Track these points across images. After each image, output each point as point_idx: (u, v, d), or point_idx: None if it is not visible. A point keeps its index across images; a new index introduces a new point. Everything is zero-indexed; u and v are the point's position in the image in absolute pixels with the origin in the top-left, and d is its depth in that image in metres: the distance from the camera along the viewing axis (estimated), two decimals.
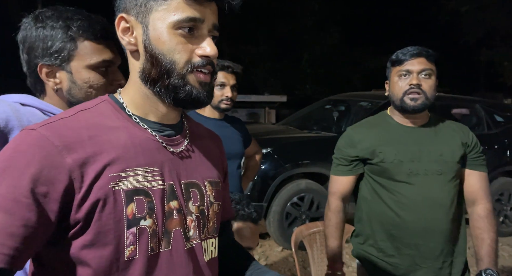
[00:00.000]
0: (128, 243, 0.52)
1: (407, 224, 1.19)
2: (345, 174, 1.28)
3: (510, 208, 3.72)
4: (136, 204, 0.53)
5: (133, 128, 0.58)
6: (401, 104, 1.19)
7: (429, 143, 1.21)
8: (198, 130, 0.71)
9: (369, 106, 3.65)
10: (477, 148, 1.25)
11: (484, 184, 1.23)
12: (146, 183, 0.55)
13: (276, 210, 3.12)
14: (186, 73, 0.56)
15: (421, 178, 1.18)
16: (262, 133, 3.57)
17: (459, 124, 1.31)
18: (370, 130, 1.27)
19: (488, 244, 1.15)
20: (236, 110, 7.57)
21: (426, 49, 1.18)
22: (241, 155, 1.79)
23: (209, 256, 0.64)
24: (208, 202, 0.64)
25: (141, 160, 0.56)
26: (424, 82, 1.16)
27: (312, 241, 1.88)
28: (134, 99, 0.60)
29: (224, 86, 1.65)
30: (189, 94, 0.57)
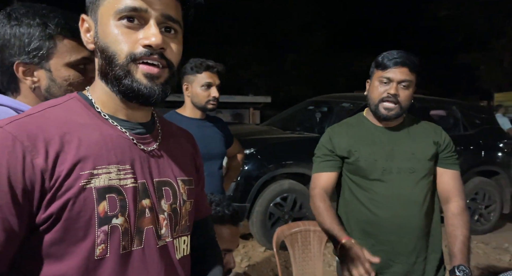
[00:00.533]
0: (99, 241, 0.52)
1: (381, 221, 1.22)
2: (326, 169, 1.29)
3: (485, 207, 3.86)
4: (108, 202, 0.53)
5: (104, 126, 0.58)
6: (375, 110, 1.23)
7: (402, 142, 1.24)
8: (171, 129, 0.71)
9: (351, 107, 3.71)
10: (450, 147, 1.28)
11: (457, 182, 1.26)
12: (119, 180, 0.55)
13: (259, 210, 3.13)
14: (128, 64, 0.54)
15: (394, 176, 1.21)
16: (245, 134, 3.57)
17: (432, 124, 1.34)
18: (348, 130, 1.31)
19: (461, 241, 1.17)
20: (220, 111, 7.55)
21: (410, 58, 1.19)
22: (222, 155, 1.78)
23: (180, 254, 0.64)
24: (180, 200, 0.64)
25: (113, 158, 0.56)
26: (401, 92, 1.19)
27: (293, 240, 1.89)
28: (100, 97, 0.60)
29: (210, 87, 1.64)
30: (130, 87, 0.55)
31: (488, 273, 2.89)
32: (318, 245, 1.92)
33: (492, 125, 4.13)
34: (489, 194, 3.86)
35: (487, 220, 3.86)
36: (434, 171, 1.28)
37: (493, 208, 3.88)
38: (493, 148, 3.94)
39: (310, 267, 1.89)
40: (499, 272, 2.88)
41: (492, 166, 3.90)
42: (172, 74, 0.59)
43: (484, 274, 2.86)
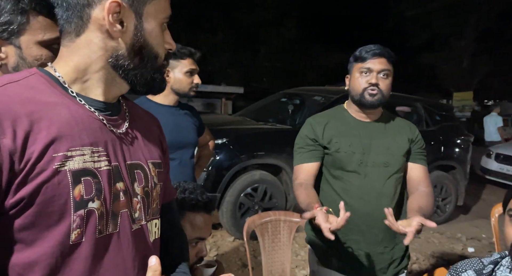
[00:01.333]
0: (75, 226, 0.50)
1: (354, 211, 1.23)
2: (308, 160, 1.29)
3: (442, 199, 4.12)
4: (84, 185, 0.51)
5: (73, 105, 0.54)
6: (360, 99, 1.25)
7: (379, 137, 1.29)
8: (136, 111, 0.69)
9: (322, 101, 3.77)
10: (421, 143, 1.34)
11: (426, 175, 1.34)
12: (93, 163, 0.53)
13: (230, 200, 3.13)
14: (163, 66, 0.61)
15: (369, 169, 1.26)
16: (218, 124, 3.54)
17: (407, 121, 1.41)
18: (329, 121, 1.33)
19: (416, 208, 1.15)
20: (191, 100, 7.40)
21: (387, 50, 1.25)
22: (194, 144, 1.75)
23: (153, 237, 0.64)
24: (152, 183, 0.63)
25: (86, 139, 0.53)
26: (381, 81, 1.24)
27: (263, 230, 1.91)
28: (83, 78, 0.56)
29: (193, 73, 1.60)
30: (161, 84, 0.62)
31: (443, 261, 3.10)
32: (288, 234, 1.96)
33: (452, 122, 4.38)
34: (446, 187, 4.12)
35: (443, 212, 4.12)
36: (405, 165, 1.34)
37: (449, 200, 4.14)
38: (452, 144, 4.20)
39: (279, 256, 1.92)
40: (452, 260, 3.10)
41: (450, 160, 4.15)
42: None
43: (438, 262, 3.06)
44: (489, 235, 3.70)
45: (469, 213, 4.58)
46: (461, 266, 0.98)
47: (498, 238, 1.79)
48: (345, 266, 1.30)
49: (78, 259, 0.51)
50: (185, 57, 1.57)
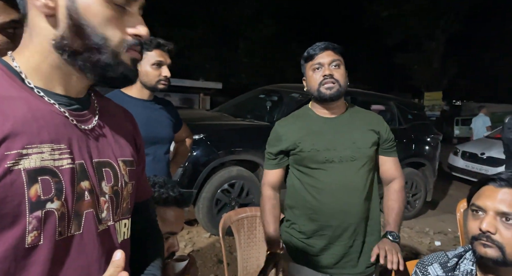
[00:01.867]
0: (31, 228, 0.46)
1: (323, 207, 1.29)
2: (273, 167, 1.38)
3: (412, 195, 4.29)
4: (41, 185, 0.47)
5: (34, 100, 0.51)
6: (318, 95, 1.27)
7: (344, 131, 1.30)
8: (108, 106, 0.65)
9: (300, 98, 3.81)
10: (390, 136, 1.36)
11: (398, 166, 1.38)
12: (53, 161, 0.49)
13: (206, 196, 3.11)
14: (121, 52, 0.54)
15: (337, 165, 1.27)
16: (195, 119, 3.49)
17: (374, 113, 1.41)
18: (293, 123, 1.36)
19: (397, 213, 1.30)
20: (169, 95, 7.26)
21: (332, 43, 1.29)
22: (170, 140, 1.71)
23: (121, 237, 0.61)
24: (122, 182, 0.60)
25: (46, 136, 0.50)
26: (335, 72, 1.26)
27: (239, 226, 1.91)
28: (39, 67, 0.52)
29: (161, 65, 1.54)
30: (121, 73, 0.54)
31: (411, 254, 3.23)
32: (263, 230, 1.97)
33: (422, 121, 4.55)
34: (416, 183, 4.28)
35: (413, 207, 4.29)
36: (375, 158, 1.36)
37: (418, 196, 4.32)
38: (422, 142, 4.37)
39: (254, 251, 1.93)
40: (420, 253, 3.24)
41: (420, 158, 4.32)
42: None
43: (408, 255, 3.19)
44: (454, 229, 3.89)
45: (436, 208, 4.80)
46: (427, 259, 1.03)
47: (463, 232, 1.88)
48: (316, 261, 1.32)
49: (36, 262, 0.47)
50: (151, 49, 1.52)
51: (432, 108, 12.83)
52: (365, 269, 1.33)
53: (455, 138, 12.45)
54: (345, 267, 1.31)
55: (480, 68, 16.13)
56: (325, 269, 1.32)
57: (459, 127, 13.18)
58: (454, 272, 0.96)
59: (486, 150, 6.02)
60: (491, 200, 0.87)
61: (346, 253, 1.30)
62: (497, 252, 0.83)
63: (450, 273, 0.96)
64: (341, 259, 1.31)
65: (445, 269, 0.98)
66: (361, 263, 1.32)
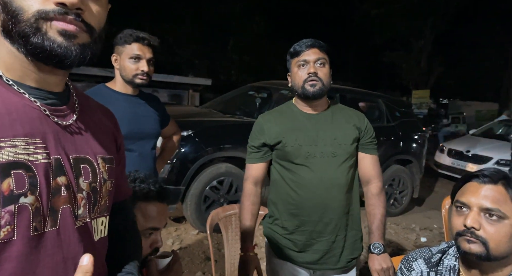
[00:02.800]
0: (4, 222, 0.45)
1: (305, 203, 1.30)
2: (256, 161, 1.37)
3: (399, 192, 4.35)
4: (14, 179, 0.46)
5: (6, 93, 0.49)
6: (302, 92, 1.28)
7: (326, 128, 1.31)
8: (88, 103, 0.64)
9: (289, 95, 3.80)
10: (370, 133, 1.37)
11: (376, 165, 1.37)
12: (27, 155, 0.48)
13: (194, 193, 3.08)
14: (37, 21, 0.47)
15: (318, 160, 1.28)
16: (184, 115, 3.46)
17: (356, 111, 1.42)
18: (277, 118, 1.36)
19: (379, 219, 1.30)
20: (157, 90, 7.17)
21: (318, 41, 1.30)
22: (156, 135, 1.68)
23: (98, 235, 0.60)
24: (101, 179, 0.59)
25: (19, 130, 0.48)
26: (319, 70, 1.27)
27: (227, 223, 1.90)
28: (3, 58, 0.51)
29: (139, 60, 1.50)
30: (41, 46, 0.48)
31: (398, 250, 3.28)
32: None
33: (410, 118, 4.61)
34: (403, 180, 4.34)
35: (400, 204, 4.35)
36: (356, 154, 1.37)
37: (405, 193, 4.38)
38: (409, 139, 4.42)
39: None
40: (406, 249, 3.29)
41: (407, 155, 4.38)
42: (93, 40, 0.51)
43: (394, 251, 3.24)
44: (440, 225, 3.96)
45: (422, 204, 4.88)
46: (412, 255, 1.04)
47: (448, 228, 1.92)
48: (299, 257, 1.33)
49: (9, 258, 0.46)
50: (130, 42, 1.48)
51: (420, 106, 13.03)
52: (347, 264, 1.34)
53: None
54: (327, 262, 1.32)
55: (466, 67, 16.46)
56: (308, 265, 1.33)
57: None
58: (437, 268, 0.97)
59: (471, 147, 6.15)
60: (475, 196, 0.87)
61: (329, 249, 1.31)
62: (481, 248, 0.84)
63: (433, 269, 0.97)
64: (324, 255, 1.31)
65: (429, 265, 0.99)
66: (343, 258, 1.34)
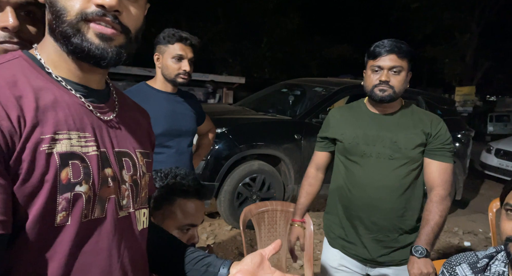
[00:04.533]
0: (61, 208, 0.49)
1: (355, 199, 1.34)
2: (319, 149, 1.50)
3: None
4: (72, 169, 0.50)
5: (58, 90, 0.53)
6: (370, 95, 1.31)
7: (388, 129, 1.30)
8: (126, 101, 0.68)
9: (324, 92, 3.74)
10: (442, 139, 1.29)
11: (443, 173, 1.28)
12: (80, 147, 0.52)
13: (228, 189, 3.13)
14: (78, 22, 0.50)
15: (373, 161, 1.30)
16: (218, 113, 3.52)
17: (431, 115, 1.36)
18: (344, 114, 1.43)
19: (430, 226, 1.23)
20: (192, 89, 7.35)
21: (399, 45, 1.25)
22: (193, 132, 1.73)
23: (141, 226, 0.63)
24: (140, 172, 0.62)
25: (72, 124, 0.52)
26: (393, 78, 1.26)
27: (260, 219, 1.91)
28: (51, 56, 0.54)
29: (181, 59, 1.54)
30: (80, 46, 0.51)
31: (438, 255, 3.12)
32: (284, 225, 1.96)
33: (453, 116, 4.35)
34: None
35: None
36: (421, 159, 1.32)
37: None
38: (453, 139, 4.17)
39: None
40: (448, 253, 3.12)
41: None
42: (129, 40, 0.54)
43: (434, 255, 3.09)
44: (486, 229, 3.71)
45: (466, 207, 4.60)
46: (455, 259, 0.98)
47: (495, 233, 1.79)
48: (350, 248, 1.38)
49: (63, 242, 0.50)
50: (173, 42, 1.52)
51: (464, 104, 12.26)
52: (398, 264, 1.34)
53: (488, 135, 11.85)
54: (377, 259, 1.33)
55: None
56: (359, 258, 1.37)
57: (493, 124, 12.52)
58: (484, 273, 0.91)
59: None
60: None
61: (378, 246, 1.32)
62: None
63: (479, 274, 0.92)
64: (373, 251, 1.33)
65: (474, 270, 0.93)
66: (395, 257, 1.33)
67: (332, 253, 1.44)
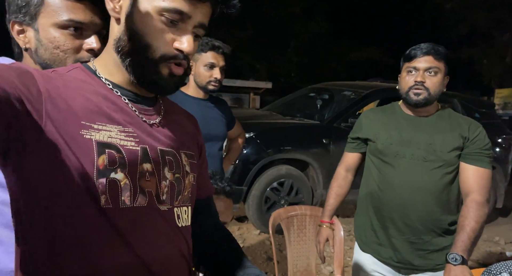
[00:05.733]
0: (100, 192, 0.53)
1: (387, 201, 1.33)
2: (350, 150, 1.49)
3: None
4: (108, 157, 0.53)
5: (109, 95, 0.59)
6: (405, 98, 1.29)
7: (423, 131, 1.29)
8: (173, 108, 0.72)
9: (352, 96, 3.68)
10: (480, 144, 1.25)
11: (479, 178, 1.24)
12: (119, 140, 0.56)
13: (256, 194, 3.15)
14: (159, 62, 0.57)
15: (406, 162, 1.28)
16: (245, 118, 3.55)
17: (469, 120, 1.33)
18: (377, 115, 1.42)
19: (466, 232, 1.18)
20: (220, 95, 7.49)
21: (436, 47, 1.25)
22: (223, 137, 1.77)
23: (182, 222, 0.65)
24: (184, 171, 0.65)
25: (114, 119, 0.57)
26: (428, 79, 1.24)
27: (289, 224, 1.91)
28: (107, 65, 0.60)
29: (213, 67, 1.61)
30: (154, 82, 0.58)
31: (478, 265, 2.95)
32: (314, 229, 1.95)
33: (492, 120, 4.13)
34: None
35: None
36: (458, 163, 1.29)
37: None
38: (492, 143, 3.95)
39: (304, 250, 1.92)
40: (488, 263, 2.95)
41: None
42: (188, 68, 0.62)
43: (473, 265, 2.92)
44: None
45: (508, 215, 4.33)
46: (495, 268, 0.94)
47: None
48: (381, 251, 1.36)
49: (109, 224, 0.53)
50: (206, 50, 1.58)
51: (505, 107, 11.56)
52: (433, 268, 1.29)
53: None
54: (410, 262, 1.30)
55: None
56: (391, 261, 1.34)
57: None
58: None
59: None
60: None
61: (411, 249, 1.29)
62: None
63: None
64: (405, 254, 1.30)
65: None
66: (429, 261, 1.29)
67: (364, 258, 1.42)
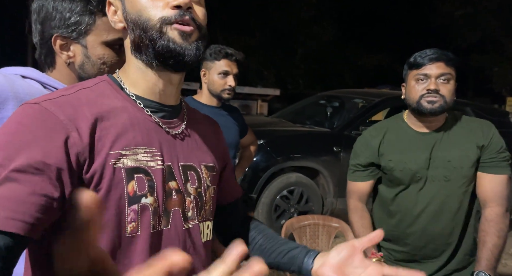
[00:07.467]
0: (130, 219, 0.52)
1: (408, 230, 1.22)
2: (361, 179, 1.28)
3: None
4: (137, 182, 0.53)
5: (132, 109, 0.58)
6: (417, 107, 1.15)
7: (439, 148, 1.18)
8: (195, 116, 0.71)
9: (363, 104, 3.66)
10: (495, 147, 1.17)
11: (497, 186, 1.15)
12: (146, 162, 0.55)
13: (265, 202, 3.12)
14: (162, 26, 0.55)
15: (427, 185, 1.18)
16: (255, 125, 3.54)
17: (481, 122, 1.23)
18: (385, 134, 1.26)
19: (489, 248, 1.12)
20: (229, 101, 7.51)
21: (445, 53, 1.15)
22: (236, 145, 1.76)
23: (205, 238, 0.64)
24: (205, 185, 0.65)
25: (140, 140, 0.56)
26: (442, 87, 1.13)
27: (302, 233, 1.88)
28: (131, 77, 0.60)
29: (227, 75, 1.60)
30: (166, 46, 0.55)
31: None
32: (327, 239, 1.91)
33: (506, 129, 4.05)
34: None
35: None
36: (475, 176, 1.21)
37: None
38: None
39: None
40: None
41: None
42: (202, 36, 0.59)
43: None
44: None
45: None
46: None
47: None
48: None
49: (135, 252, 0.53)
50: (219, 58, 1.59)
51: None
52: None
53: None
54: None
55: None
56: None
57: None
58: None
59: None
60: None
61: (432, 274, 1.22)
62: None
63: None
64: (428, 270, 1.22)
65: None
66: None
67: None
